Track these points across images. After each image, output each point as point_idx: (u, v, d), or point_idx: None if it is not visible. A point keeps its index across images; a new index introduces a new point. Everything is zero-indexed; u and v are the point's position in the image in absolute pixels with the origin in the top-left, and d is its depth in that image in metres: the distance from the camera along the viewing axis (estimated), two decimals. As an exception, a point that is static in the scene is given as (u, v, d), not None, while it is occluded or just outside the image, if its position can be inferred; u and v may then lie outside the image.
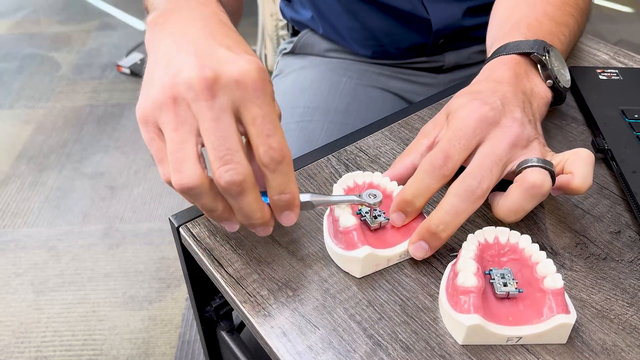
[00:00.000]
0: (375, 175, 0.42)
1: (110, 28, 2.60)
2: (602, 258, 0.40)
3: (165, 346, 1.26)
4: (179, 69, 0.35)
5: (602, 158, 0.49)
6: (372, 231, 0.41)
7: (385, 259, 0.39)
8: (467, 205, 0.38)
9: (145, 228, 1.56)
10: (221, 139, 0.34)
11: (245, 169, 0.34)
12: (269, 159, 0.35)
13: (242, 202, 0.35)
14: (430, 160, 0.40)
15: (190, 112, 0.34)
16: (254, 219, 0.36)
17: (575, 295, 0.38)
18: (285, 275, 0.39)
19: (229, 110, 0.34)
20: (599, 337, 0.35)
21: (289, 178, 0.36)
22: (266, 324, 0.36)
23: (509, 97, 0.43)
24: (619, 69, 0.59)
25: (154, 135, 0.36)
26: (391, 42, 0.76)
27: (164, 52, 0.37)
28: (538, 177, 0.38)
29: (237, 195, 0.35)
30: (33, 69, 2.29)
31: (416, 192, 0.39)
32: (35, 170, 1.77)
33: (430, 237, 0.38)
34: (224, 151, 0.34)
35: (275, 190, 0.36)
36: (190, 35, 0.37)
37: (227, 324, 0.52)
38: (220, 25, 0.39)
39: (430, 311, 0.37)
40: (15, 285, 1.39)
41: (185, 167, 0.34)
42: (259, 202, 0.36)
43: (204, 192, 0.35)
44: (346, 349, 0.34)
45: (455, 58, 0.78)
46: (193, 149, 0.34)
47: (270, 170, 0.35)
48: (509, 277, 0.36)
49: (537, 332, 0.34)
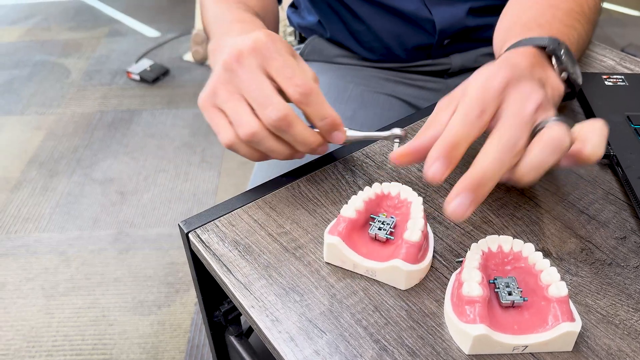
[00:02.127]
0: (393, 185, 0.43)
1: (119, 35, 2.63)
2: (608, 264, 0.41)
3: (174, 350, 1.26)
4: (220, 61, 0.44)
5: (608, 164, 0.50)
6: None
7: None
8: (509, 159, 0.37)
9: (155, 233, 1.57)
10: (256, 90, 0.42)
11: (283, 106, 0.41)
12: (298, 95, 0.42)
13: (294, 133, 0.42)
14: (465, 110, 0.39)
15: (233, 85, 0.43)
16: (311, 142, 0.43)
17: (580, 301, 0.38)
18: (293, 281, 0.40)
19: (257, 70, 0.43)
20: (604, 342, 0.36)
21: (322, 105, 0.43)
22: (274, 328, 0.36)
23: (527, 75, 0.42)
24: (625, 74, 0.59)
25: (215, 111, 0.44)
26: (397, 44, 0.76)
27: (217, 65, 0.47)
28: (559, 130, 0.37)
29: (287, 128, 0.42)
30: (44, 75, 2.32)
31: (458, 138, 0.38)
32: (46, 176, 1.79)
33: (476, 187, 0.36)
34: (262, 98, 0.42)
35: (316, 118, 0.43)
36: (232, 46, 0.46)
37: (235, 328, 0.52)
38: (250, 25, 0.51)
39: (436, 316, 0.37)
40: (26, 290, 1.41)
41: (243, 119, 0.42)
42: (308, 129, 0.43)
43: (264, 136, 0.42)
44: (353, 354, 0.35)
45: (462, 60, 0.78)
46: (246, 108, 0.42)
47: (304, 104, 0.43)
48: (514, 285, 0.37)
49: (542, 340, 0.34)
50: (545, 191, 0.47)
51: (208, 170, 1.81)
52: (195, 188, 1.74)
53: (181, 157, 1.86)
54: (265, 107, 0.41)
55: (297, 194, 0.47)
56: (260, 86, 0.42)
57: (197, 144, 1.93)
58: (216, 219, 0.45)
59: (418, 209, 0.40)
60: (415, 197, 0.41)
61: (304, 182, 0.48)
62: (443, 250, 0.42)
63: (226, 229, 0.44)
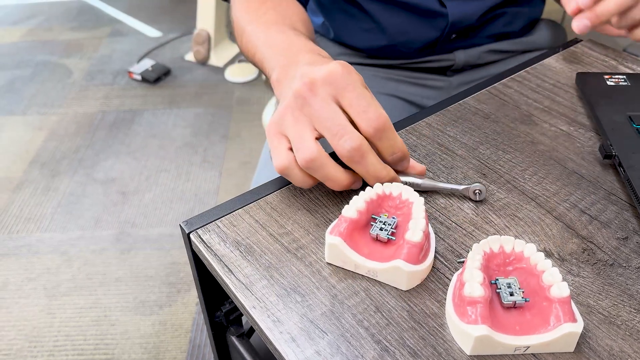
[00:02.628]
0: (395, 186, 0.43)
1: (121, 35, 2.63)
2: (610, 264, 0.41)
3: (175, 350, 1.27)
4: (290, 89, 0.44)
5: (610, 164, 0.49)
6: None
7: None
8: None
9: (156, 233, 1.57)
10: (330, 119, 0.41)
11: (358, 136, 0.41)
12: (372, 129, 0.41)
13: (367, 164, 0.42)
14: None
15: (302, 113, 0.43)
16: (382, 176, 0.43)
17: (582, 302, 0.38)
18: (294, 281, 0.40)
19: (329, 100, 0.42)
20: (606, 343, 0.36)
21: (394, 139, 0.43)
22: (275, 329, 0.36)
23: None
24: (627, 74, 0.59)
25: (279, 136, 0.44)
26: (404, 40, 0.76)
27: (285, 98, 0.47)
28: None
29: (360, 159, 0.41)
30: (45, 75, 2.32)
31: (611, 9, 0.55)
32: (48, 176, 1.79)
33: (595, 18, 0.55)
34: (336, 128, 0.41)
35: (387, 153, 0.43)
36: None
37: (236, 329, 0.52)
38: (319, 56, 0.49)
39: (437, 317, 0.37)
40: (28, 290, 1.41)
41: (305, 144, 0.41)
42: (380, 161, 0.43)
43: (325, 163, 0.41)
44: (354, 355, 0.35)
45: (466, 57, 0.78)
46: (310, 134, 0.42)
47: (377, 138, 0.42)
48: (515, 286, 0.36)
49: (544, 341, 0.34)
50: (547, 191, 0.47)
51: (210, 170, 1.81)
52: (197, 188, 1.74)
53: (183, 157, 1.86)
54: (340, 136, 0.41)
55: (298, 194, 0.47)
56: (334, 115, 0.41)
57: (198, 144, 1.93)
58: (217, 220, 0.45)
59: (420, 209, 0.40)
60: (416, 197, 0.41)
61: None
62: (444, 251, 0.42)
63: (227, 229, 0.44)
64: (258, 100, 2.15)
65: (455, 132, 0.54)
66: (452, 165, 0.50)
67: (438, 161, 0.50)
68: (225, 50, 2.41)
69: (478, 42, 0.78)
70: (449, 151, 0.51)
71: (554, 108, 0.57)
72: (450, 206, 0.46)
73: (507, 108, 0.57)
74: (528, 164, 0.50)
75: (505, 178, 0.48)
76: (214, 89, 2.22)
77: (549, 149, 0.52)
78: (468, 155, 0.51)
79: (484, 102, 0.58)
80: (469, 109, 0.57)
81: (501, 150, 0.51)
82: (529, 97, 0.59)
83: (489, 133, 0.54)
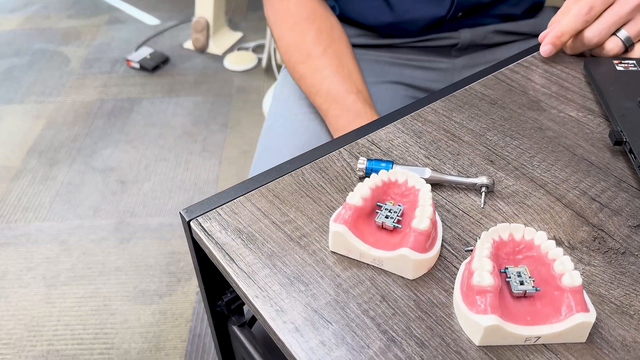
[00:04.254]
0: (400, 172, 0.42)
1: (119, 22, 2.60)
2: (621, 252, 0.40)
3: (176, 340, 1.26)
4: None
5: (620, 151, 0.48)
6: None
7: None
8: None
9: (156, 222, 1.56)
10: None
11: None
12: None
13: None
14: (578, 9, 0.56)
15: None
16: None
17: (593, 291, 0.37)
18: (297, 270, 0.39)
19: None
20: (618, 333, 0.35)
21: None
22: (278, 319, 0.35)
23: None
24: (636, 59, 0.58)
25: None
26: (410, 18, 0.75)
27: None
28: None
29: None
30: (43, 64, 2.30)
31: (565, 30, 0.57)
32: (46, 165, 1.77)
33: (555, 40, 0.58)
34: None
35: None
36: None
37: (238, 318, 0.51)
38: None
39: (445, 307, 0.36)
40: (27, 280, 1.40)
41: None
42: None
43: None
44: (360, 345, 0.34)
45: (471, 36, 0.77)
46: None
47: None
48: (525, 275, 0.35)
49: (556, 331, 0.33)
50: (556, 178, 0.46)
51: (209, 159, 1.80)
52: (196, 177, 1.73)
53: (182, 146, 1.85)
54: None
55: (301, 182, 0.46)
56: None
57: (198, 132, 1.91)
58: (218, 207, 0.43)
59: (426, 197, 0.39)
60: (423, 184, 0.40)
61: (308, 170, 0.47)
62: (452, 239, 0.41)
63: (229, 217, 0.43)
64: (257, 89, 2.13)
65: (461, 118, 0.53)
66: (458, 152, 0.48)
67: (444, 148, 0.49)
68: (224, 38, 2.39)
69: (484, 21, 0.77)
70: (455, 137, 0.50)
71: (562, 94, 0.56)
72: (457, 193, 0.45)
73: (514, 94, 0.56)
74: (536, 150, 0.49)
75: (513, 165, 0.47)
76: (213, 77, 2.20)
77: (557, 135, 0.50)
78: (475, 141, 0.50)
79: (491, 88, 0.57)
80: (475, 94, 0.56)
81: (509, 136, 0.50)
82: (537, 82, 0.57)
83: (496, 119, 0.52)
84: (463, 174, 0.46)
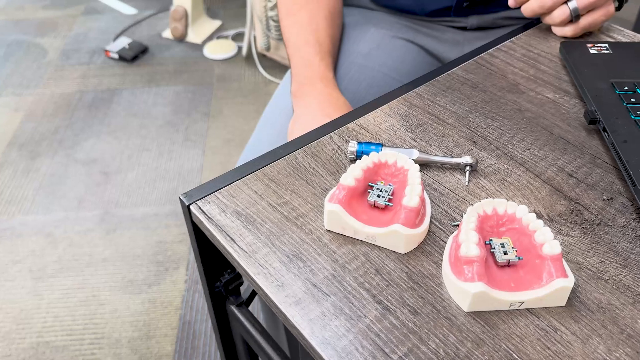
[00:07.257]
0: (390, 154, 0.44)
1: (96, 13, 2.57)
2: (596, 224, 0.43)
3: (166, 327, 1.28)
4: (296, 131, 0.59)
5: (595, 129, 0.51)
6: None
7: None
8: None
9: (141, 212, 1.57)
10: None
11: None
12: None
13: None
14: None
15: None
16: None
17: (572, 259, 0.40)
18: (295, 248, 0.41)
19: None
20: (595, 297, 0.38)
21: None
22: (280, 293, 0.38)
23: None
24: (608, 43, 0.61)
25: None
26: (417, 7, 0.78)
27: (297, 114, 0.63)
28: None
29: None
30: (19, 55, 2.26)
31: None
32: (27, 158, 1.76)
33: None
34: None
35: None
36: (310, 109, 0.62)
37: (236, 298, 0.53)
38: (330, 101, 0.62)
39: (434, 277, 0.39)
40: (13, 273, 1.40)
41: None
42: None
43: None
44: (357, 314, 0.36)
45: (478, 21, 0.79)
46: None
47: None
48: (509, 245, 0.38)
49: (538, 296, 0.36)
50: (535, 156, 0.48)
51: (192, 148, 1.80)
52: (180, 167, 1.73)
53: (164, 136, 1.85)
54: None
55: (294, 165, 0.48)
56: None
57: (180, 122, 1.91)
58: (216, 191, 0.45)
59: (415, 176, 0.41)
60: (411, 164, 0.42)
61: (301, 154, 0.49)
62: (439, 216, 0.43)
63: (227, 200, 0.45)
64: (239, 77, 2.13)
65: (445, 101, 0.55)
66: (443, 134, 0.51)
67: (430, 130, 0.51)
68: (203, 26, 2.38)
69: (492, 9, 0.78)
70: (439, 120, 0.53)
71: (539, 77, 0.58)
72: (443, 173, 0.47)
73: (494, 77, 0.58)
74: (516, 130, 0.51)
75: (494, 145, 0.50)
76: (193, 66, 2.20)
77: (535, 116, 0.53)
78: (458, 123, 0.52)
79: (472, 72, 0.59)
80: (457, 79, 0.58)
81: (490, 118, 0.53)
82: (515, 66, 0.60)
83: (478, 102, 0.55)
84: (448, 155, 0.49)
